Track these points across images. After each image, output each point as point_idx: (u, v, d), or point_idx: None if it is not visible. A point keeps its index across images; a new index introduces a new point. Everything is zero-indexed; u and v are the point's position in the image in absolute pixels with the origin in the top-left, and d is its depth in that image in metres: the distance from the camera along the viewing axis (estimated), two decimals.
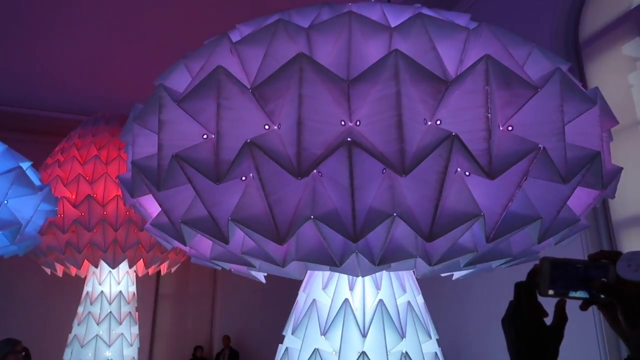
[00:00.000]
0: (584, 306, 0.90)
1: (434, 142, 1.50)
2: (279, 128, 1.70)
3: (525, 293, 0.91)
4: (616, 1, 4.58)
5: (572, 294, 0.88)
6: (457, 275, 2.35)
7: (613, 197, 1.98)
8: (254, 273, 2.34)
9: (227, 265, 2.25)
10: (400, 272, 2.44)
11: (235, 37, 1.97)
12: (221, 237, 1.75)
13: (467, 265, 1.91)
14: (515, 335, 0.92)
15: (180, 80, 1.95)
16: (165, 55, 4.45)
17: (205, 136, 1.82)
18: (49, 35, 6.75)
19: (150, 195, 2.00)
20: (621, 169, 1.94)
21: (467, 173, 1.70)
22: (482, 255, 1.85)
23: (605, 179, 1.78)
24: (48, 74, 7.63)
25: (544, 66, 1.70)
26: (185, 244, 1.98)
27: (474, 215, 1.57)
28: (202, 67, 1.82)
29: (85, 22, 6.52)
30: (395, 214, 1.55)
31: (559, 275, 0.88)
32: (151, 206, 2.16)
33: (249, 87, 1.67)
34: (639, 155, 4.33)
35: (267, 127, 1.71)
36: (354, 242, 1.63)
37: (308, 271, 2.38)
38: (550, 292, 0.88)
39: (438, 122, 1.61)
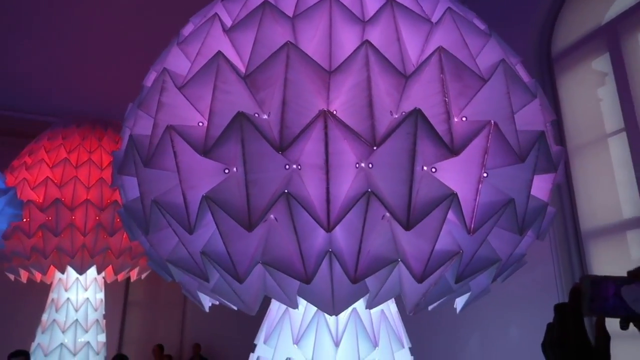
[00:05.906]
0: (624, 324, 0.88)
1: (400, 121, 1.66)
2: (268, 117, 1.77)
3: (572, 315, 0.88)
4: (587, 18, 4.82)
5: (612, 312, 0.87)
6: (459, 304, 2.30)
7: (564, 180, 2.14)
8: (201, 295, 2.31)
9: (178, 276, 2.22)
10: None
11: (219, 11, 2.04)
12: (187, 222, 1.76)
13: (457, 282, 1.89)
14: None
15: (178, 63, 2.05)
16: (139, 56, 4.46)
17: (200, 124, 1.87)
18: (19, 35, 6.71)
19: (135, 179, 2.01)
20: (564, 149, 2.19)
21: (433, 169, 1.77)
22: (469, 264, 1.86)
23: (555, 160, 1.97)
24: (17, 73, 7.55)
25: (498, 56, 1.84)
26: (147, 233, 1.97)
27: (448, 195, 1.64)
28: (199, 51, 1.93)
29: (58, 22, 6.50)
30: (369, 190, 1.61)
31: (598, 293, 0.87)
32: (132, 190, 2.18)
33: (243, 72, 1.76)
34: (607, 167, 4.52)
35: (256, 115, 1.78)
36: (328, 231, 1.67)
37: None
38: (591, 311, 0.86)
39: (403, 114, 1.73)
